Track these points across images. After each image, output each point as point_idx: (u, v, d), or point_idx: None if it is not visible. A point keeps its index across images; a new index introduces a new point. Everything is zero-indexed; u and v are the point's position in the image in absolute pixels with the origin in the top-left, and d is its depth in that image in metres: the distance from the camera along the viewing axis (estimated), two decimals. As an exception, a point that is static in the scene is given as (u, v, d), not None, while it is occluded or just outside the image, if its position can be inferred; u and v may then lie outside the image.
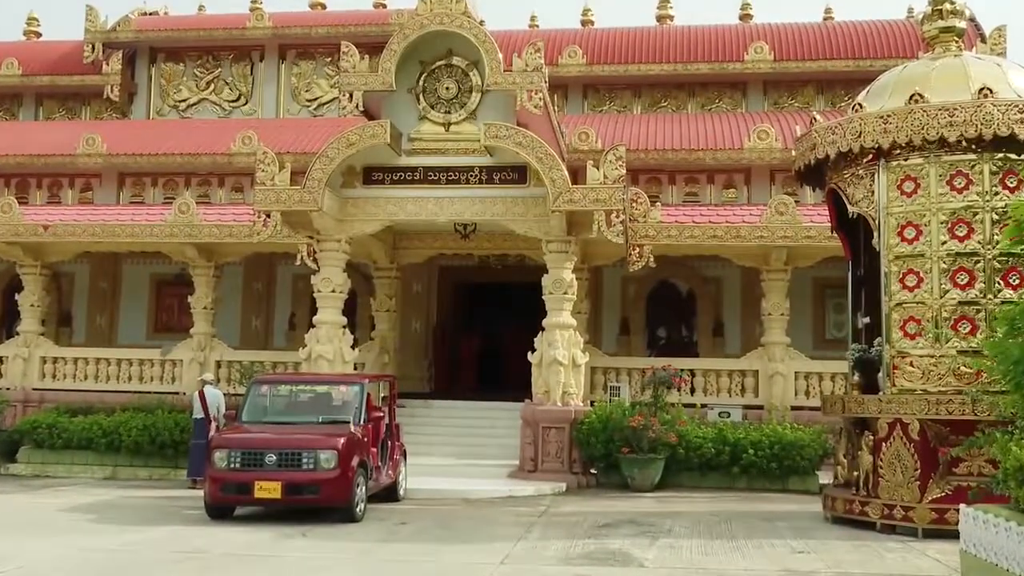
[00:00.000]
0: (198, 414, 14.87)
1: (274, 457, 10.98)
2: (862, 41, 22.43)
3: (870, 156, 11.53)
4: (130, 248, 19.31)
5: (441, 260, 21.05)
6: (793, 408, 16.84)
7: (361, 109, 15.56)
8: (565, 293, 15.37)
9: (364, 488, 11.46)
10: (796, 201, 17.56)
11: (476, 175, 15.43)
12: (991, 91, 10.99)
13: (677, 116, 22.50)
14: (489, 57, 15.15)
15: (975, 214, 11.02)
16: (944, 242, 11.08)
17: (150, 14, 25.28)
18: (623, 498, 13.93)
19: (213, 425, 14.49)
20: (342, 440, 11.14)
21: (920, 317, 11.08)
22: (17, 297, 19.38)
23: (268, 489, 10.86)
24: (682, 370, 16.87)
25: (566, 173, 14.76)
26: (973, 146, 11.04)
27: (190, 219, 18.01)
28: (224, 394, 15.83)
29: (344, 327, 15.92)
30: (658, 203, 17.87)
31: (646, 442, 14.63)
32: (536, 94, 14.98)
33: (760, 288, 17.84)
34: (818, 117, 12.54)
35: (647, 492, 14.51)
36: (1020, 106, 10.86)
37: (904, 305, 11.19)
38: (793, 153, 13.12)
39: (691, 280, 21.56)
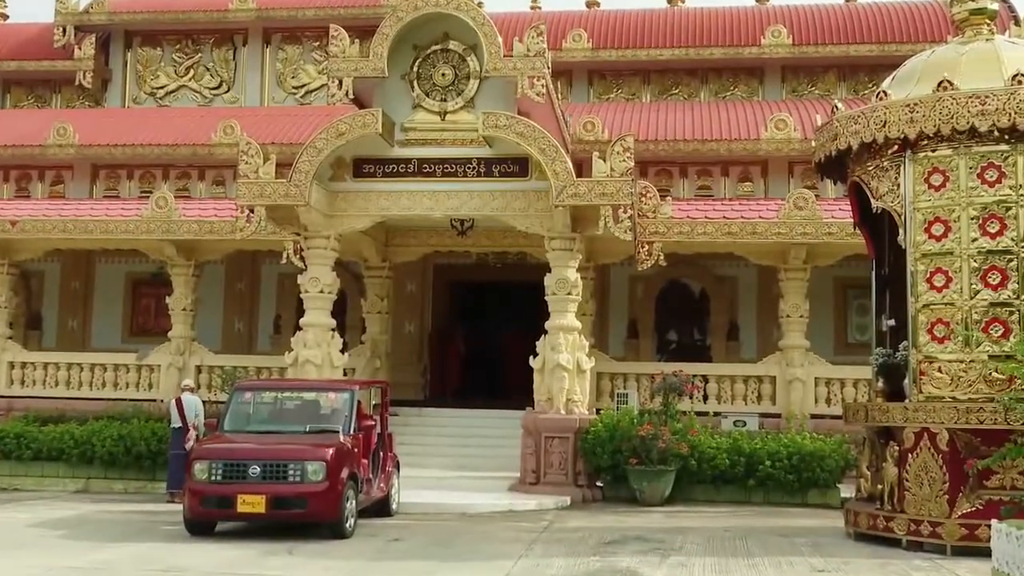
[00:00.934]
0: (177, 423, 14.87)
1: (258, 469, 10.98)
2: (887, 24, 22.43)
3: (895, 147, 11.53)
4: (104, 245, 19.31)
5: (436, 258, 21.04)
6: (813, 416, 16.87)
7: (351, 97, 15.56)
8: (569, 293, 15.37)
9: (354, 502, 11.47)
10: (816, 195, 17.58)
11: (474, 167, 15.41)
12: (1025, 77, 10.98)
13: (689, 104, 22.51)
14: (488, 41, 15.14)
15: (1008, 209, 11.01)
16: (975, 239, 11.07)
17: (125, -5, 25.29)
18: (631, 513, 13.93)
19: (192, 435, 14.49)
20: (331, 451, 11.15)
21: (949, 319, 11.08)
22: (-17, 298, 19.39)
23: (252, 503, 10.85)
24: (694, 376, 16.89)
25: (570, 165, 14.77)
26: (1006, 136, 11.02)
27: (168, 214, 18.02)
28: (205, 401, 15.82)
29: (333, 330, 15.91)
30: (669, 197, 17.91)
31: (656, 453, 14.63)
32: (538, 81, 14.97)
33: (778, 288, 17.86)
34: (840, 105, 12.54)
35: (657, 506, 14.52)
36: (1056, 93, 10.84)
37: (932, 307, 11.19)
38: (813, 144, 13.12)
39: (704, 280, 21.57)
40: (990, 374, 10.80)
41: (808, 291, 17.51)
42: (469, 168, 15.43)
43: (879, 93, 11.86)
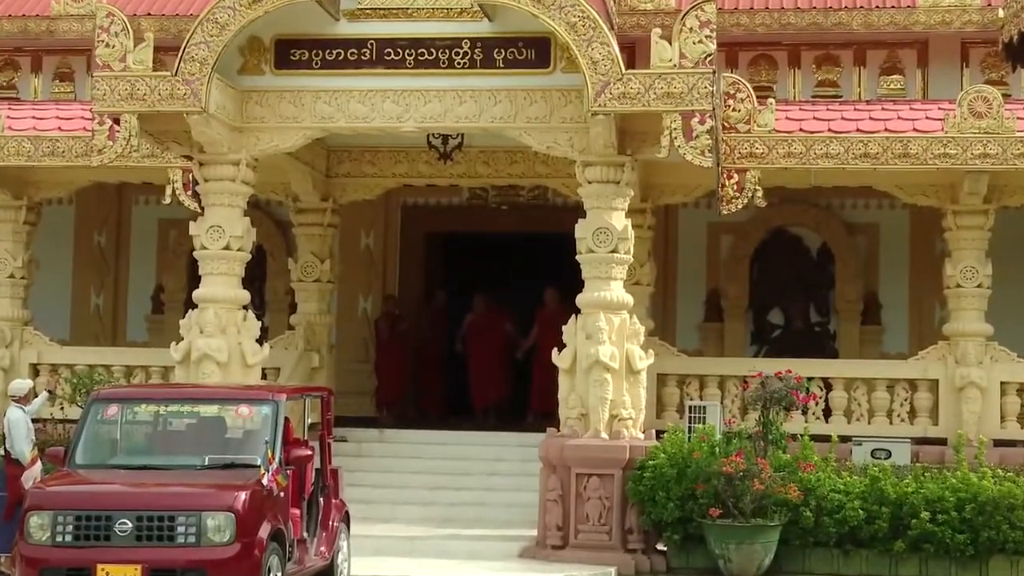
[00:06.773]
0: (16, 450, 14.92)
1: (129, 524, 11.00)
2: None
3: None
4: None
5: (407, 196, 21.09)
6: (998, 443, 16.87)
7: (272, -58, 15.55)
8: (614, 251, 15.38)
9: (280, 574, 11.52)
10: (1005, 95, 17.48)
11: (465, 53, 15.44)
12: None
13: (804, -48, 22.42)
14: None
15: None
16: None
17: None
18: (711, 593, 14.04)
19: (36, 469, 14.50)
20: (243, 495, 11.19)
21: None
22: None
23: (120, 576, 10.94)
24: (810, 379, 16.87)
25: (616, 49, 14.75)
26: None
27: (-14, 127, 18.07)
28: (44, 420, 15.88)
29: (246, 307, 16.02)
30: (771, 100, 17.84)
31: (750, 499, 14.67)
32: (565, -84, 14.96)
33: (943, 243, 17.88)
34: (1043, -47, 12.47)
35: (752, 583, 14.64)
36: None
37: None
38: (1000, 14, 13.07)
39: (827, 229, 21.56)
40: None
41: (991, 247, 17.49)
42: (458, 54, 15.44)
43: (1105, -67, 11.79)
